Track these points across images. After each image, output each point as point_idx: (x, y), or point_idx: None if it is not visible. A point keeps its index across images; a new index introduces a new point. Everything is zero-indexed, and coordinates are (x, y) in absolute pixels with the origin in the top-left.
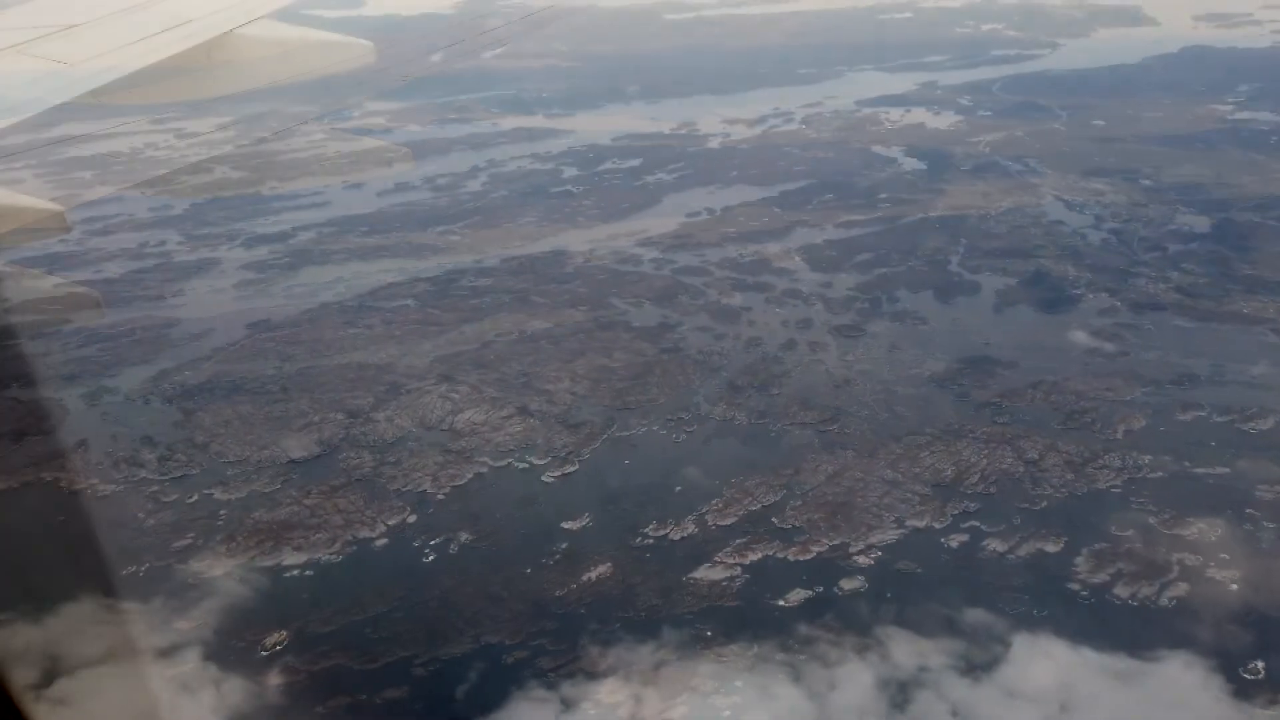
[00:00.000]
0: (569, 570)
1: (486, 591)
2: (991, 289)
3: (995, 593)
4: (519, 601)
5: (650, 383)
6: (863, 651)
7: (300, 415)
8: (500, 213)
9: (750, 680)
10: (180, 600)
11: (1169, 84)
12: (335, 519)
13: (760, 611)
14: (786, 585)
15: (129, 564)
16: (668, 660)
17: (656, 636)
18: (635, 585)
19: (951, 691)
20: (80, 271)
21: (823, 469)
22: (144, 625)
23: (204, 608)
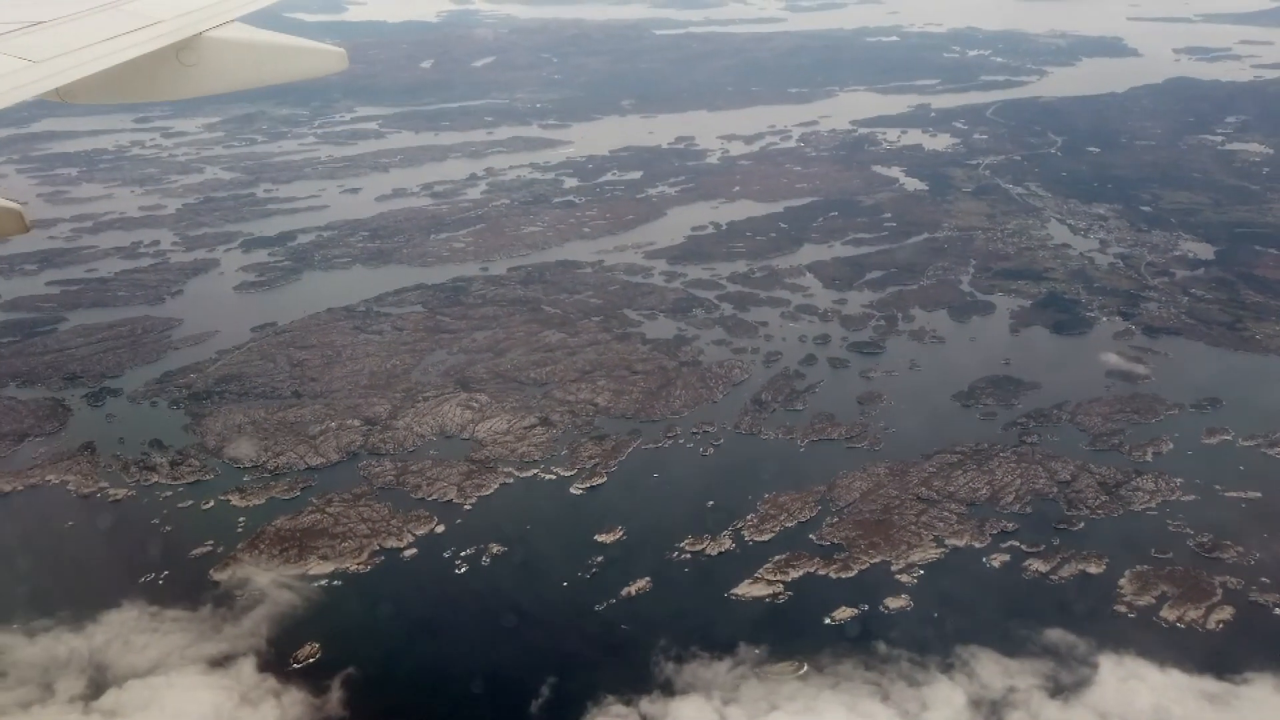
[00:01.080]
0: (607, 584)
1: (524, 605)
2: (1005, 309)
3: (1046, 614)
4: (559, 615)
5: (672, 396)
6: (948, 671)
7: (315, 421)
8: (504, 221)
9: (836, 699)
10: (228, 609)
11: (1157, 113)
12: (361, 528)
13: (811, 628)
14: (831, 602)
15: (148, 571)
16: (746, 678)
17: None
18: (677, 600)
19: (1043, 712)
20: (73, 269)
21: (856, 486)
22: (191, 634)
23: (254, 616)
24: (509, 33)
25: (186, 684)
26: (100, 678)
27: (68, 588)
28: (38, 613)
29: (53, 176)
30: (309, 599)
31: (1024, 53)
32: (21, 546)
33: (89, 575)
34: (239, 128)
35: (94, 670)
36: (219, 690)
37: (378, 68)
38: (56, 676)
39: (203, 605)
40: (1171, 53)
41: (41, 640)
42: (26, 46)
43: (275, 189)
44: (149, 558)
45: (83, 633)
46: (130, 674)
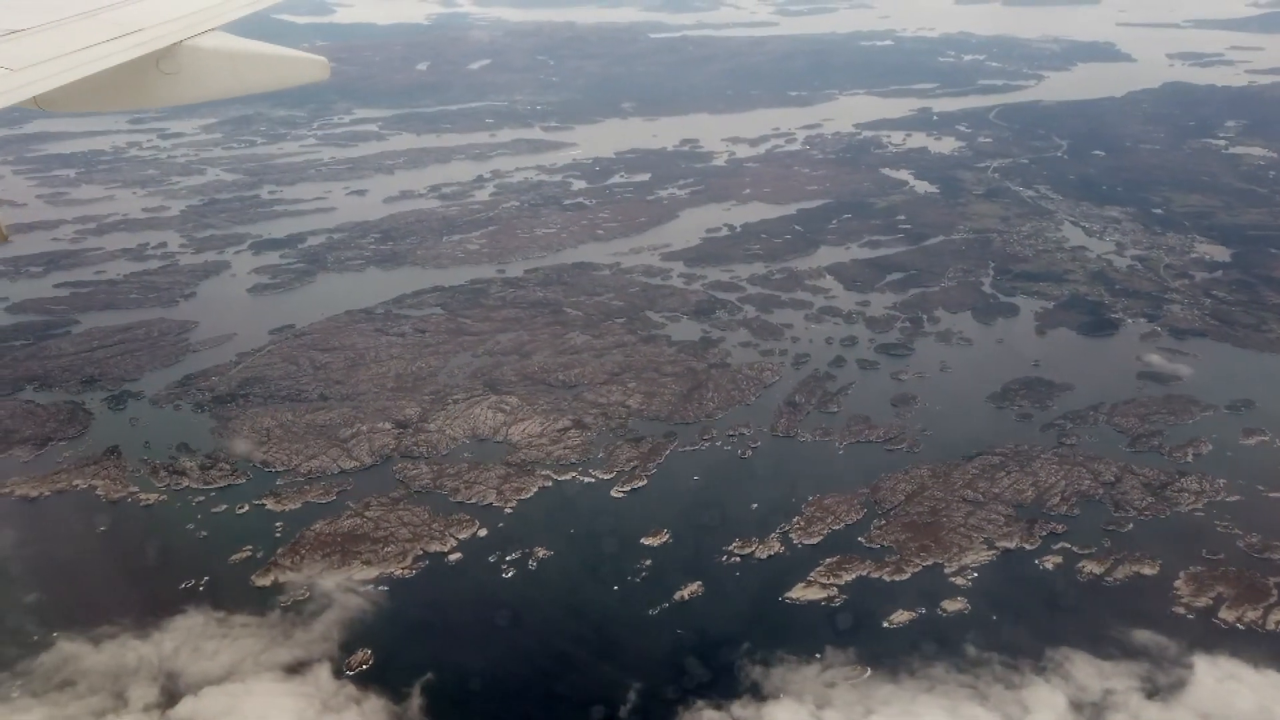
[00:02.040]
0: (658, 588)
1: (578, 609)
2: (1029, 311)
3: (1108, 616)
4: (614, 619)
5: (704, 398)
6: (1041, 673)
7: (345, 424)
8: (515, 223)
9: (934, 702)
10: (296, 614)
11: (1158, 117)
12: (402, 532)
13: (870, 632)
14: (888, 606)
15: (189, 576)
16: (836, 682)
17: (809, 657)
18: (731, 604)
19: (1143, 713)
20: (80, 271)
21: (900, 488)
22: (262, 640)
23: (324, 621)
24: (503, 35)
25: (264, 691)
26: (173, 685)
27: (112, 594)
28: (91, 619)
29: (51, 178)
30: (377, 604)
31: (1019, 57)
32: (58, 552)
33: (132, 581)
34: (237, 129)
35: (165, 678)
36: (299, 697)
37: (373, 69)
38: (128, 684)
39: (271, 610)
40: (1164, 58)
41: (108, 647)
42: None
43: (280, 191)
44: (188, 563)
45: (149, 639)
46: (203, 681)
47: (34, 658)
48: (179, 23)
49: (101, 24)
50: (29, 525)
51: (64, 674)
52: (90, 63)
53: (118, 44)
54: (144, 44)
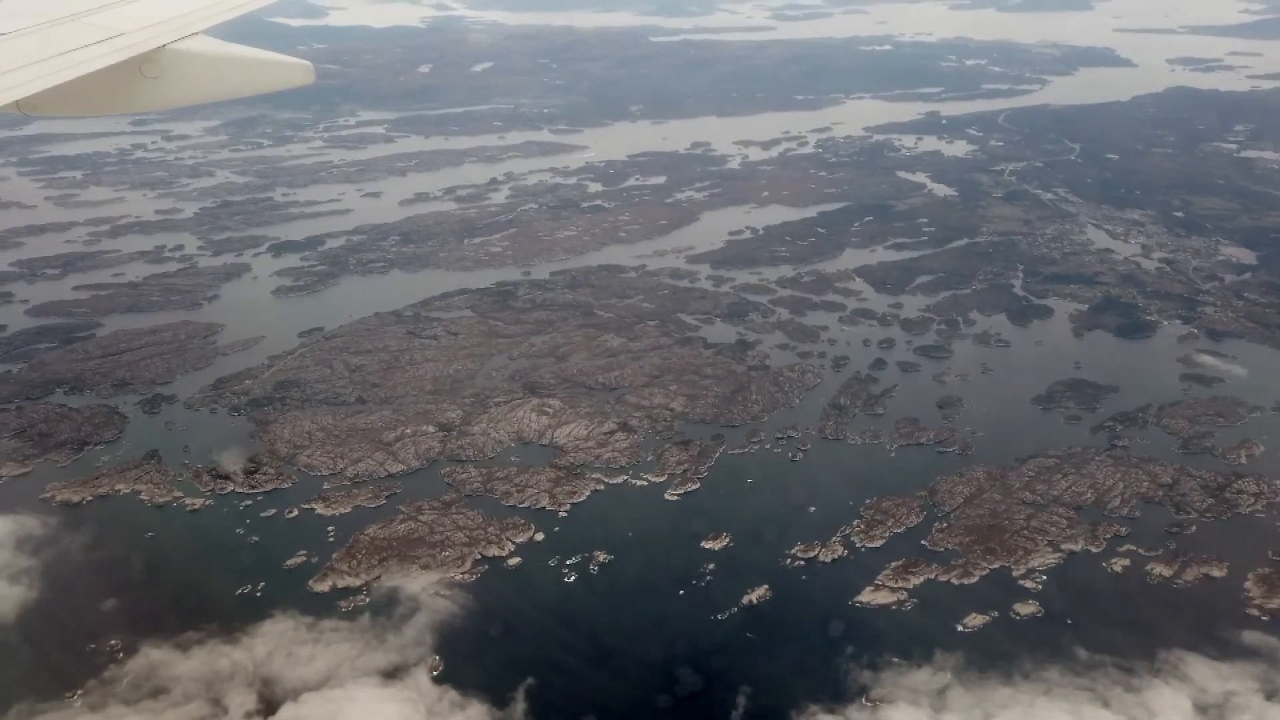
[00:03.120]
0: (725, 592)
1: (647, 614)
2: (1064, 313)
3: (1182, 618)
4: (684, 623)
5: (748, 400)
6: (1158, 675)
7: (388, 427)
8: (536, 225)
9: (1053, 705)
10: (387, 618)
11: (1165, 122)
12: (458, 536)
13: (945, 636)
14: (959, 609)
15: (244, 582)
16: (950, 685)
17: (920, 661)
18: (801, 608)
19: (1267, 715)
20: (98, 273)
21: (958, 491)
22: (356, 645)
23: (416, 625)
24: (503, 39)
25: (366, 697)
26: (270, 692)
27: (177, 601)
28: (165, 626)
29: (57, 180)
30: (465, 607)
31: (1020, 62)
32: (112, 559)
33: (191, 588)
34: (242, 131)
35: (261, 684)
36: (403, 703)
37: (375, 72)
38: (224, 691)
39: (360, 615)
40: (1165, 63)
41: (196, 654)
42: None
43: (293, 193)
44: (242, 569)
45: (239, 645)
46: (301, 686)
47: (120, 665)
48: (162, 27)
49: (84, 28)
50: (78, 531)
51: (154, 681)
52: (72, 67)
53: (100, 48)
54: (126, 48)
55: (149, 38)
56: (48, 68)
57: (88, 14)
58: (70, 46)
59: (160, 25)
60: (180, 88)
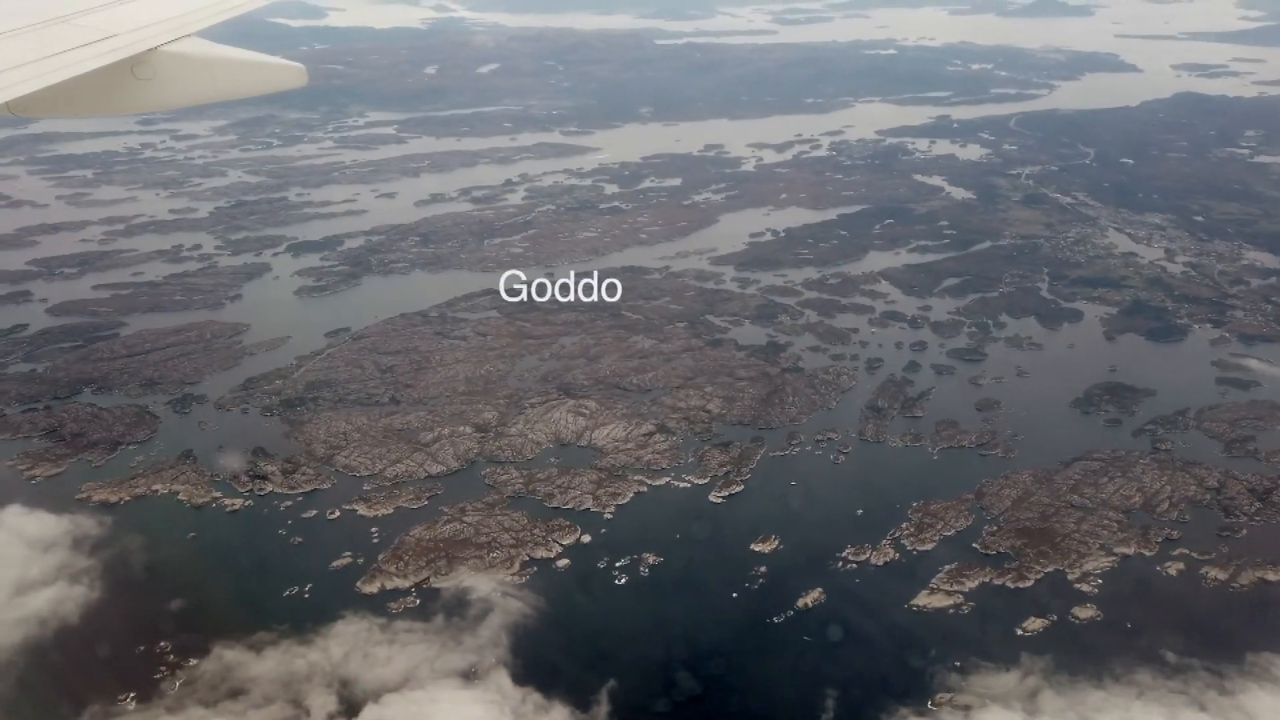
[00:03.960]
0: (778, 595)
1: (702, 616)
2: (1094, 317)
3: (1247, 621)
4: (740, 627)
5: (785, 402)
6: (1249, 678)
7: (424, 428)
8: (555, 226)
9: (1148, 709)
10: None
11: (1176, 127)
12: (504, 538)
13: (1005, 640)
14: (1018, 613)
15: (290, 584)
16: (1041, 688)
17: (1007, 664)
18: (857, 612)
19: None
20: (117, 273)
21: (1005, 494)
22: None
23: (490, 626)
24: (507, 40)
25: (449, 699)
26: (349, 693)
27: (227, 602)
28: (223, 627)
29: (68, 179)
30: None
31: (1026, 67)
32: (158, 559)
33: (239, 589)
34: (250, 131)
35: (339, 685)
36: (488, 705)
37: (381, 73)
38: (304, 692)
39: (434, 616)
40: (1170, 69)
41: (270, 654)
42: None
43: (307, 193)
44: (288, 570)
45: (314, 646)
46: (380, 688)
47: (194, 665)
48: (154, 29)
49: (76, 30)
50: (124, 532)
51: (231, 682)
52: (64, 69)
53: (91, 50)
54: (118, 50)
55: (141, 39)
56: (39, 69)
57: (80, 15)
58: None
59: (152, 27)
60: (173, 89)
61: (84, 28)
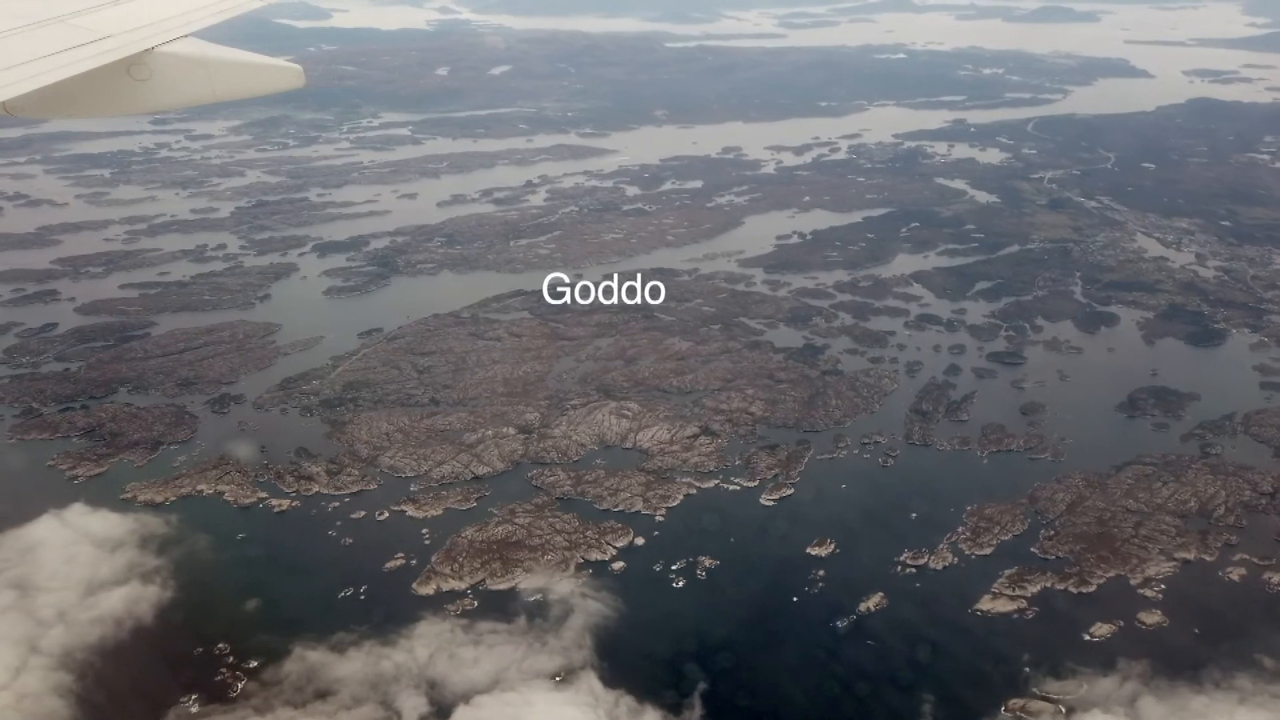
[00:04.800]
0: (839, 599)
1: (766, 620)
2: (1130, 320)
3: None
4: (804, 630)
5: (829, 405)
6: None
7: (467, 429)
8: (580, 228)
9: (1252, 715)
10: (543, 619)
11: (1194, 132)
12: (557, 540)
13: (1073, 646)
14: (1083, 618)
15: (345, 585)
16: (1140, 693)
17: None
18: (922, 616)
19: None
20: (142, 272)
21: (1059, 498)
22: (518, 647)
23: (573, 627)
24: (518, 42)
25: (543, 700)
26: (439, 695)
27: (293, 604)
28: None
29: (85, 178)
30: (619, 610)
31: (1037, 72)
32: (221, 561)
33: (296, 589)
34: (265, 131)
35: (428, 686)
36: (582, 708)
37: (393, 74)
38: (393, 694)
39: (516, 617)
40: (1182, 75)
41: (354, 655)
42: None
43: (328, 193)
44: (342, 572)
45: (398, 647)
46: (469, 689)
47: (276, 666)
48: (150, 29)
49: (71, 30)
50: (186, 532)
51: (317, 683)
52: (59, 69)
53: (87, 50)
54: (114, 50)
55: (137, 40)
56: (35, 69)
57: (76, 16)
58: (58, 48)
59: (149, 28)
60: (169, 90)
61: (80, 28)
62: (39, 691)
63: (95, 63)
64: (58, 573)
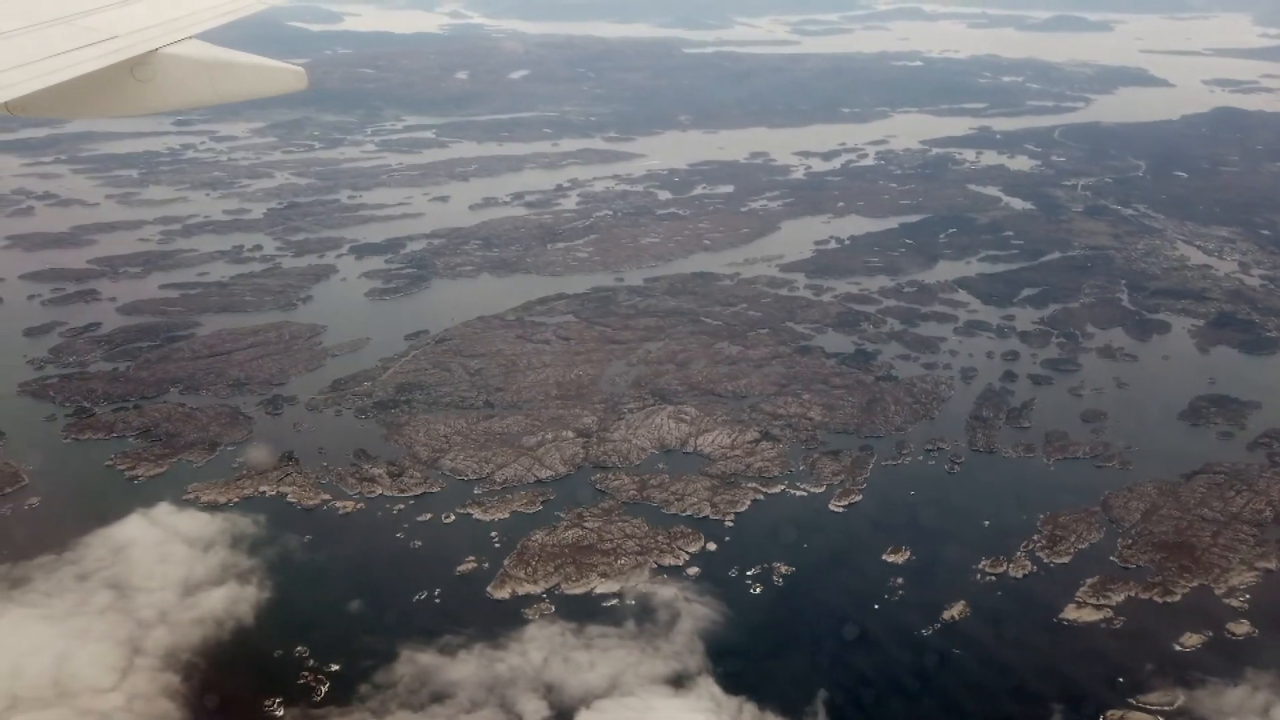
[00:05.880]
0: (921, 607)
1: (859, 627)
2: (1180, 328)
3: None
4: (898, 638)
5: (887, 411)
6: None
7: (525, 432)
8: (617, 232)
9: None
10: (651, 624)
11: (1222, 141)
12: (629, 544)
13: (1165, 656)
14: (1172, 629)
15: (419, 588)
16: (1273, 703)
17: None
18: (1007, 625)
19: None
20: (180, 272)
21: (1133, 507)
22: (631, 652)
23: (682, 631)
24: (536, 47)
25: (665, 707)
26: (558, 699)
27: (374, 605)
28: (391, 631)
29: (113, 178)
30: (725, 615)
31: (1057, 80)
32: (302, 563)
33: (374, 593)
34: (290, 133)
35: (545, 690)
36: (706, 714)
37: (413, 77)
38: (511, 698)
39: (624, 621)
40: (1201, 84)
41: (465, 659)
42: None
43: (358, 195)
44: (414, 575)
45: (510, 650)
46: (587, 694)
47: (386, 669)
48: (154, 30)
49: (76, 30)
50: (262, 533)
51: (431, 687)
52: (63, 69)
53: (91, 51)
54: (118, 51)
55: (141, 41)
56: (38, 69)
57: (79, 16)
58: (61, 49)
59: (153, 29)
60: (172, 91)
61: (84, 29)
62: (149, 693)
63: (99, 63)
64: (153, 572)
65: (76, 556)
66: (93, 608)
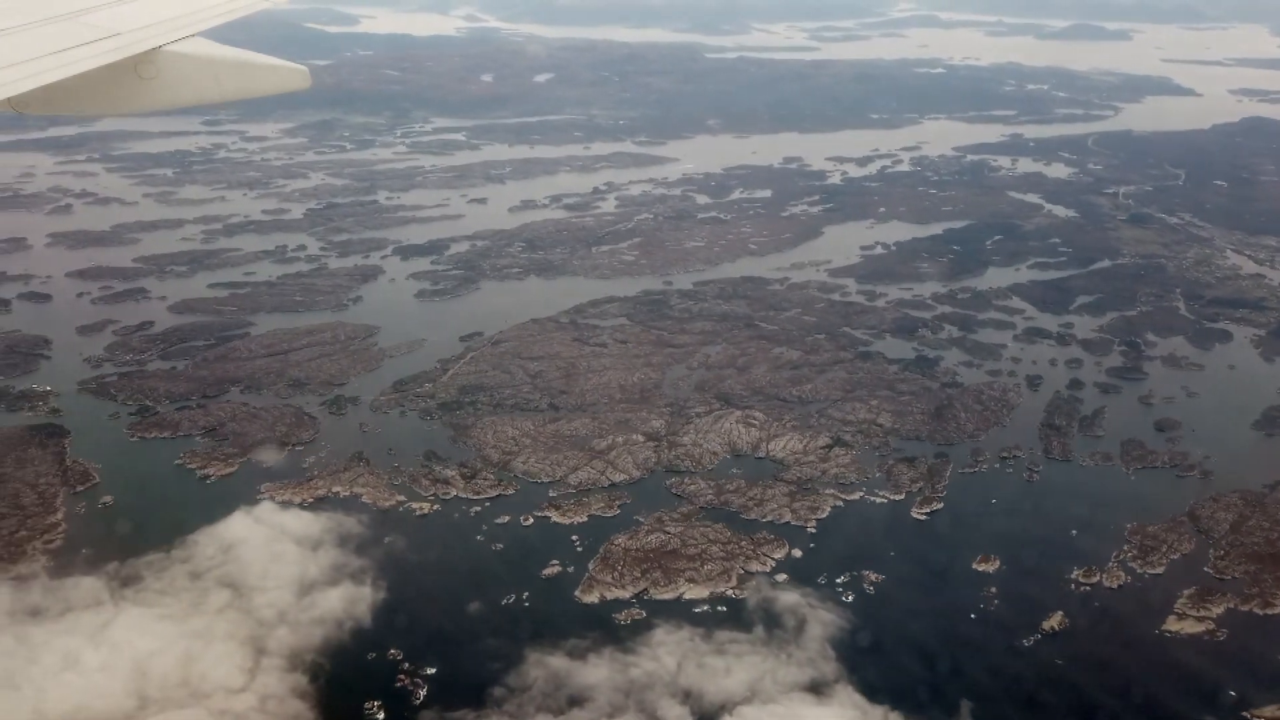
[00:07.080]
0: (1018, 617)
1: (960, 639)
2: (1243, 338)
3: None
4: (1003, 649)
5: (958, 418)
6: None
7: (594, 435)
8: (660, 235)
9: None
10: (781, 630)
11: (1258, 150)
12: (713, 549)
13: (1275, 667)
14: (1276, 640)
15: (506, 591)
16: None
17: None
18: (1109, 636)
19: None
20: (227, 272)
21: (1221, 517)
22: (765, 658)
23: (811, 637)
24: (559, 50)
25: (811, 715)
26: (698, 705)
27: (471, 606)
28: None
29: (148, 177)
30: (852, 621)
31: (1083, 88)
32: (372, 563)
33: (465, 594)
34: (320, 134)
35: (682, 695)
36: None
37: (439, 79)
38: (650, 703)
39: (753, 626)
40: (1228, 93)
41: (596, 663)
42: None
43: (396, 196)
44: (500, 577)
45: (642, 655)
46: (726, 700)
47: (517, 672)
48: (158, 28)
49: (80, 27)
50: (368, 533)
51: (566, 691)
52: (66, 66)
53: (95, 48)
54: (121, 48)
55: (145, 38)
56: (42, 65)
57: (84, 13)
58: (65, 45)
59: (157, 26)
60: (176, 89)
61: (89, 25)
62: (280, 694)
63: (103, 60)
64: (267, 571)
65: (186, 555)
66: (210, 607)
